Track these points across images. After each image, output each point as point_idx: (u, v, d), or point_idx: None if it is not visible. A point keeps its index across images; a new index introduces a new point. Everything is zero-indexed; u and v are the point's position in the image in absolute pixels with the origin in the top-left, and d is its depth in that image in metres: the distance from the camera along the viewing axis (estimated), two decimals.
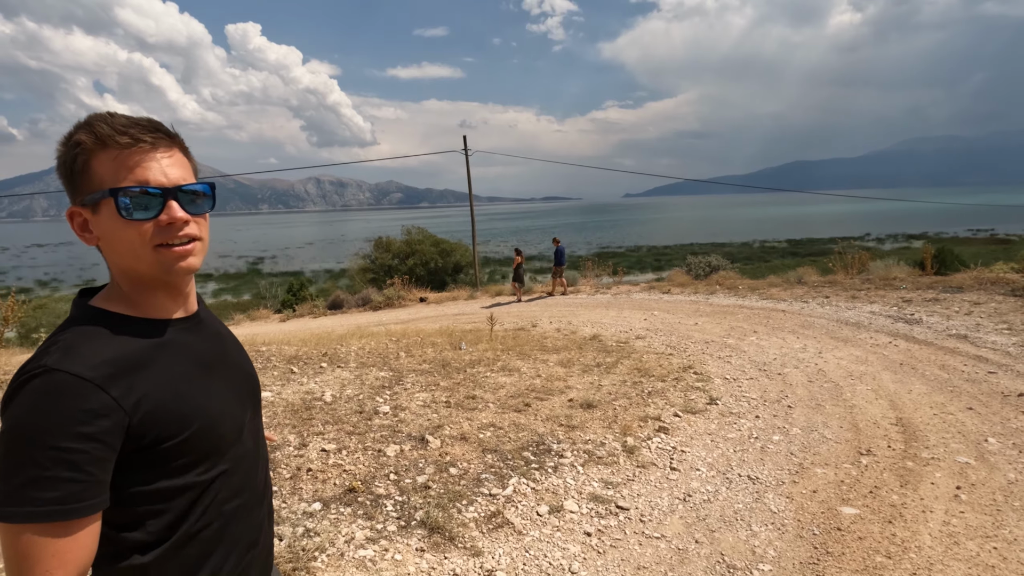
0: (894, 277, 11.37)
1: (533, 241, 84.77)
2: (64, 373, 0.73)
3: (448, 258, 26.62)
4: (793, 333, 8.32)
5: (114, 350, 0.79)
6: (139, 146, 0.79)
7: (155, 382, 0.81)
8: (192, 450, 0.83)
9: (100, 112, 0.81)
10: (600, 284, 16.60)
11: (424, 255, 25.83)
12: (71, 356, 0.75)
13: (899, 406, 4.92)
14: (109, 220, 0.80)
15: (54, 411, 0.71)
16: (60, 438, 0.70)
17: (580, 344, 8.40)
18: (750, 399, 5.33)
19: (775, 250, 54.31)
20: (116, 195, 0.78)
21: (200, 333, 0.93)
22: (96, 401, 0.73)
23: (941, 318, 8.23)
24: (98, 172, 0.79)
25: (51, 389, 0.72)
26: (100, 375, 0.75)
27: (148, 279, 0.84)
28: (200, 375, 0.89)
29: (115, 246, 0.82)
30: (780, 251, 52.81)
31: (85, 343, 0.78)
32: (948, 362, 6.22)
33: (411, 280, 22.58)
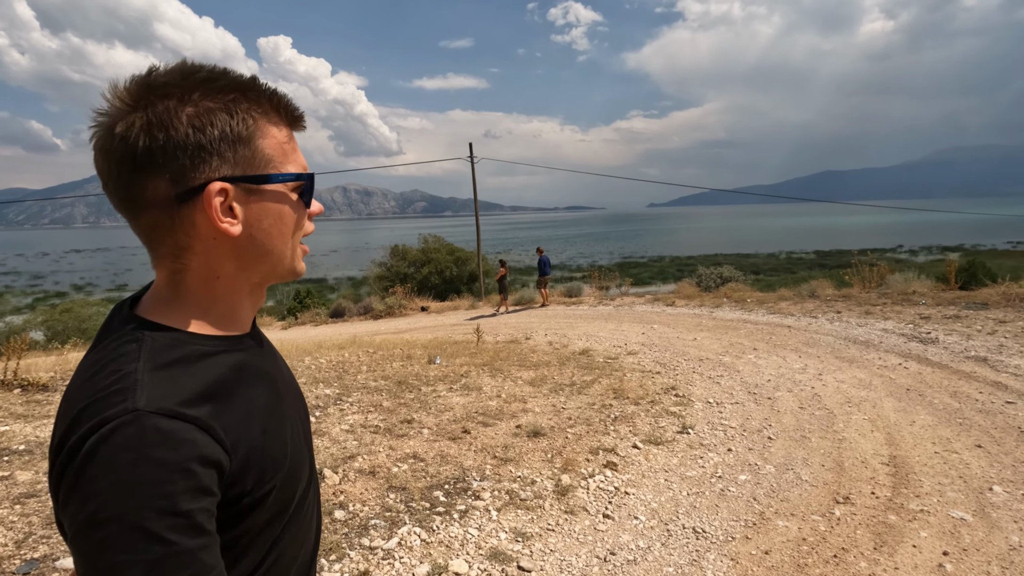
0: (912, 292, 10.55)
1: (555, 250, 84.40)
2: (161, 416, 0.55)
3: (463, 267, 26.38)
4: (795, 351, 7.67)
5: (200, 379, 0.62)
6: (303, 130, 0.71)
7: (243, 417, 0.65)
8: (276, 501, 0.67)
9: (255, 78, 0.66)
10: (605, 295, 16.01)
11: (439, 263, 25.66)
12: (162, 392, 0.57)
13: (896, 441, 4.30)
14: (278, 207, 0.66)
15: (165, 466, 0.53)
16: (181, 499, 0.53)
17: (564, 359, 7.91)
18: (728, 428, 4.76)
19: (802, 261, 52.84)
20: (311, 179, 0.69)
21: (263, 351, 0.76)
22: (206, 446, 0.57)
23: (960, 337, 7.49)
24: (264, 149, 0.65)
25: (155, 439, 0.54)
26: (200, 411, 0.59)
27: (270, 280, 0.71)
28: (277, 404, 0.72)
29: (272, 240, 0.67)
30: (808, 262, 51.36)
31: (169, 372, 0.60)
32: (962, 388, 5.53)
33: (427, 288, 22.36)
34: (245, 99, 0.64)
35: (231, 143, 0.62)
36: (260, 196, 0.65)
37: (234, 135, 0.62)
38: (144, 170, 0.59)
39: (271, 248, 0.67)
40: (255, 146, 0.64)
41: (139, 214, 0.62)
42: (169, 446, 0.54)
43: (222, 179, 0.62)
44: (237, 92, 0.63)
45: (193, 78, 0.61)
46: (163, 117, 0.59)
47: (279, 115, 0.67)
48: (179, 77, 0.61)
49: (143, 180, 0.60)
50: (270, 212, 0.66)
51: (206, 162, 0.61)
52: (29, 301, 41.58)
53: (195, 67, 0.63)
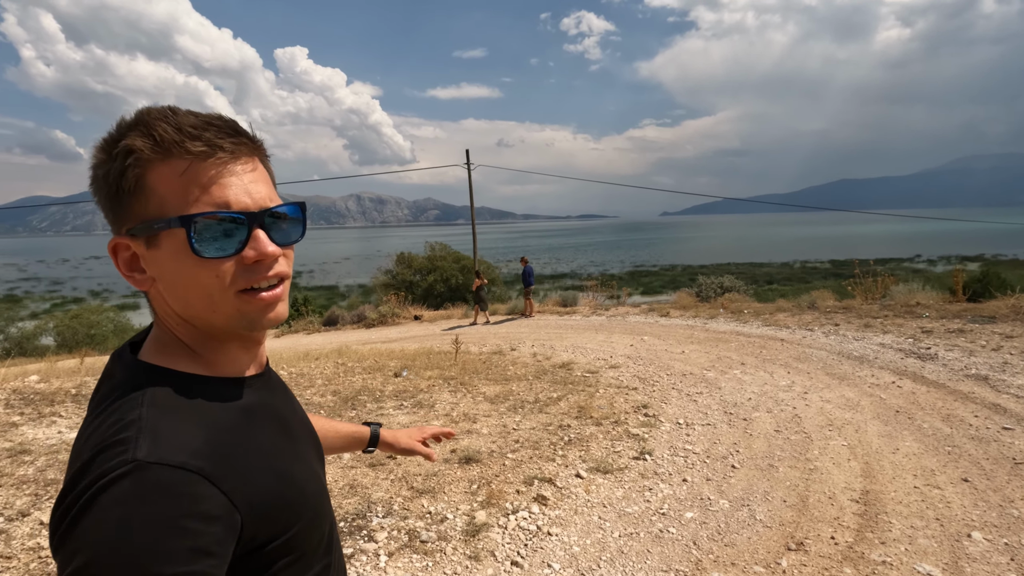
0: (916, 303, 10.00)
1: (565, 259, 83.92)
2: (163, 467, 0.51)
3: (469, 275, 26.15)
4: (784, 367, 7.21)
5: (206, 427, 0.57)
6: (216, 156, 0.59)
7: (256, 464, 0.60)
8: (298, 545, 0.63)
9: (157, 107, 0.60)
10: (601, 305, 15.58)
11: (445, 271, 25.42)
12: (162, 441, 0.53)
13: (873, 472, 3.85)
14: (174, 257, 0.59)
15: (162, 523, 0.49)
16: (170, 561, 0.48)
17: (541, 373, 7.54)
18: (690, 454, 4.34)
19: (817, 271, 51.79)
20: (189, 224, 0.57)
21: (273, 389, 0.72)
22: (208, 500, 0.52)
23: (962, 353, 6.98)
24: (158, 191, 0.58)
25: (150, 493, 0.50)
26: (208, 463, 0.54)
27: (220, 332, 0.64)
28: (289, 445, 0.68)
29: (181, 292, 0.61)
30: (822, 272, 50.29)
31: (169, 420, 0.56)
32: (956, 411, 5.05)
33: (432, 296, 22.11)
34: (129, 140, 0.58)
35: (118, 196, 0.59)
36: (156, 246, 0.60)
37: (120, 187, 0.58)
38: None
39: (189, 299, 0.61)
40: (147, 192, 0.58)
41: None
42: (167, 501, 0.50)
43: (120, 234, 0.60)
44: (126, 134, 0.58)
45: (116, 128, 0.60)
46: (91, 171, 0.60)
47: (164, 147, 0.58)
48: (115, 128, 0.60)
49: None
50: (167, 263, 0.60)
51: (114, 215, 0.60)
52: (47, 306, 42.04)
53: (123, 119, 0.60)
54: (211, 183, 0.58)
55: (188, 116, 0.59)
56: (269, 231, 0.62)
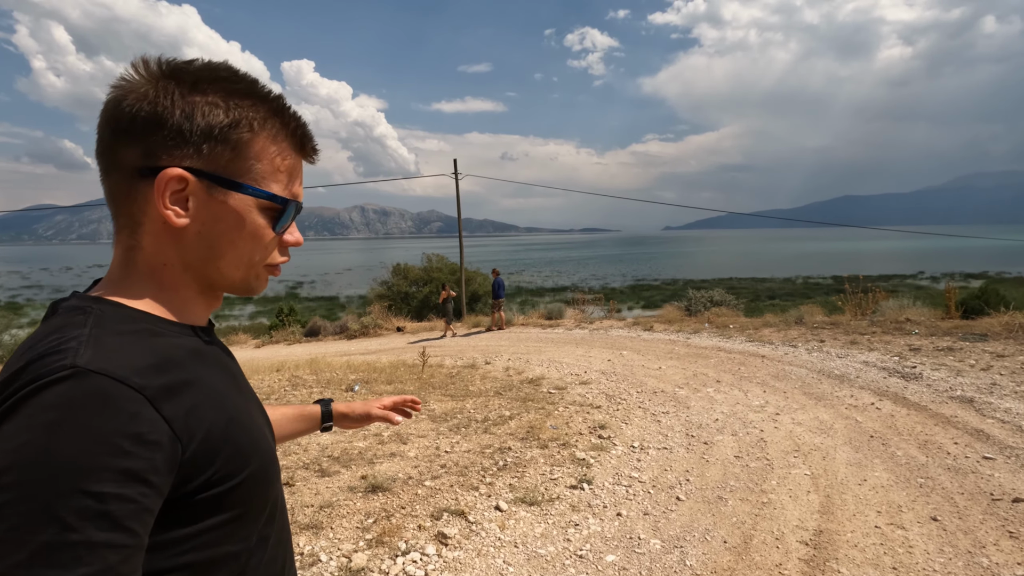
0: (906, 319, 9.55)
1: (567, 272, 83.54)
2: (106, 377, 0.48)
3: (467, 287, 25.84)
4: (761, 385, 6.78)
5: (154, 354, 0.55)
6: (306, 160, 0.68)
7: (205, 400, 0.57)
8: (242, 499, 0.58)
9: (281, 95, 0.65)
10: (584, 318, 15.16)
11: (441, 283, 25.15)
12: (109, 354, 0.50)
13: (833, 508, 3.43)
14: (238, 217, 0.61)
15: (89, 436, 0.45)
16: (97, 479, 0.44)
17: (506, 388, 7.15)
18: (636, 482, 3.92)
19: (819, 286, 51.15)
20: (288, 205, 0.64)
21: (222, 349, 0.71)
22: (149, 423, 0.49)
23: (948, 373, 6.54)
24: (251, 158, 0.61)
25: (86, 401, 0.46)
26: (151, 384, 0.51)
27: (221, 287, 0.66)
28: (240, 398, 0.66)
29: (223, 247, 0.62)
30: (825, 287, 49.58)
31: (119, 340, 0.53)
32: (935, 437, 4.62)
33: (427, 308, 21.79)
34: (254, 109, 0.62)
35: (213, 140, 0.59)
36: (223, 199, 0.61)
37: (220, 134, 0.60)
38: (124, 135, 0.58)
39: (219, 254, 0.63)
40: (242, 153, 0.61)
41: (108, 175, 0.61)
42: (104, 413, 0.47)
43: (186, 168, 0.58)
44: (251, 100, 0.62)
45: (215, 74, 0.61)
46: (161, 95, 0.58)
47: (287, 137, 0.64)
48: (204, 70, 0.61)
49: (121, 144, 0.59)
50: (227, 218, 0.61)
51: (179, 148, 0.59)
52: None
53: (225, 67, 0.62)
54: (294, 178, 0.65)
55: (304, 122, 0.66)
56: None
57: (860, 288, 10.69)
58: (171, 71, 0.59)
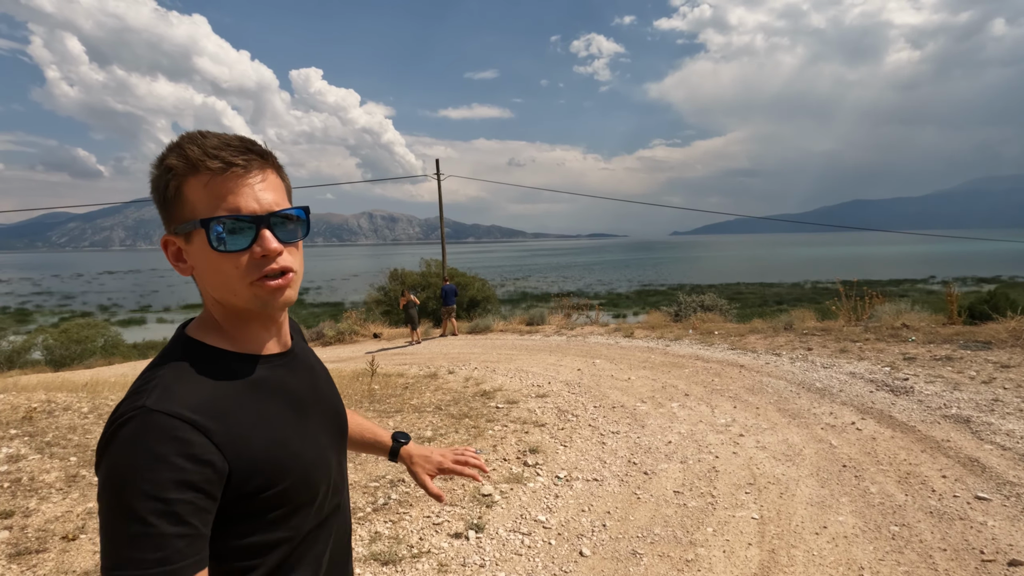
0: (902, 325, 8.70)
1: (573, 277, 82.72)
2: (163, 415, 0.67)
3: (462, 292, 25.18)
4: (732, 399, 6.01)
5: (212, 389, 0.73)
6: (232, 170, 0.73)
7: (253, 425, 0.74)
8: (288, 500, 0.76)
9: (191, 132, 0.77)
10: (567, 323, 14.39)
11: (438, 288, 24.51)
12: (170, 395, 0.69)
13: (776, 568, 2.66)
14: (202, 251, 0.74)
15: (155, 457, 0.64)
16: (163, 487, 0.63)
17: (452, 402, 6.47)
18: (539, 528, 3.17)
19: (828, 291, 49.89)
20: (208, 225, 0.72)
21: (295, 369, 0.85)
22: (199, 445, 0.67)
23: (944, 386, 5.73)
24: (190, 199, 0.73)
25: (151, 433, 0.65)
26: (202, 416, 0.69)
27: (243, 311, 0.78)
28: (295, 417, 0.81)
29: (209, 278, 0.76)
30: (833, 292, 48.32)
31: (182, 381, 0.72)
32: (920, 468, 3.83)
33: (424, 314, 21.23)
34: (174, 159, 0.72)
35: (165, 203, 0.74)
36: (191, 242, 0.74)
37: (165, 195, 0.74)
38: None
39: (215, 284, 0.75)
40: (183, 199, 0.73)
41: None
42: (165, 440, 0.65)
43: (168, 232, 0.76)
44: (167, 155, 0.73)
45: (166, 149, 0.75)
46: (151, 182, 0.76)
47: (195, 166, 0.72)
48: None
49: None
50: (199, 256, 0.74)
51: (165, 217, 0.76)
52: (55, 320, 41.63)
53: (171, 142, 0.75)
54: (227, 192, 0.73)
55: (212, 138, 0.74)
56: (275, 231, 0.75)
57: (855, 291, 9.84)
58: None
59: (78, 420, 5.22)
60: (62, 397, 5.91)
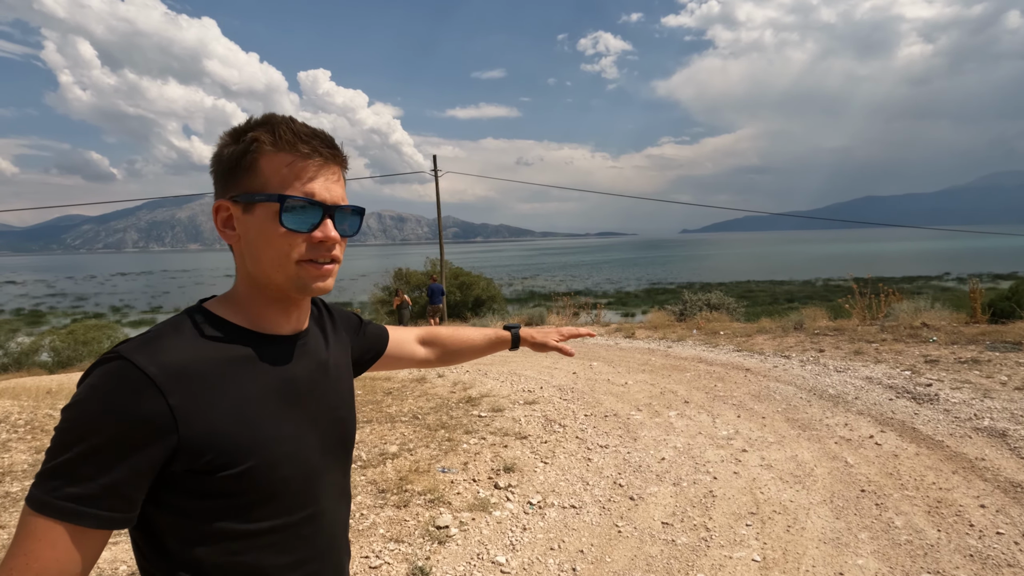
0: (922, 324, 8.08)
1: (581, 276, 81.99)
2: (130, 363, 0.67)
3: (468, 292, 24.73)
4: (736, 407, 5.46)
5: (196, 352, 0.72)
6: (315, 158, 0.77)
7: (224, 396, 0.72)
8: (249, 489, 0.73)
9: (282, 115, 0.79)
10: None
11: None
12: (147, 348, 0.69)
13: None
14: (262, 223, 0.76)
15: (106, 402, 0.66)
16: (101, 433, 0.65)
17: (432, 410, 5.98)
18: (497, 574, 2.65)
19: (840, 288, 48.87)
20: (284, 201, 0.75)
21: (301, 358, 0.83)
22: (149, 401, 0.66)
23: (973, 393, 5.14)
24: (265, 172, 0.75)
25: (112, 379, 0.67)
26: (166, 374, 0.68)
27: (275, 290, 0.79)
28: (277, 405, 0.78)
29: (259, 251, 0.77)
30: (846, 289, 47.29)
31: (168, 338, 0.72)
32: (952, 494, 3.27)
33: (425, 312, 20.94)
34: (258, 129, 0.76)
35: (234, 167, 0.76)
36: (251, 212, 0.76)
37: (236, 160, 0.76)
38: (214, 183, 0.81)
39: (256, 260, 0.77)
40: (255, 170, 0.75)
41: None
42: (121, 390, 0.66)
43: (225, 198, 0.77)
44: (252, 127, 0.77)
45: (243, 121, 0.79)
46: (217, 147, 0.79)
47: (284, 146, 0.75)
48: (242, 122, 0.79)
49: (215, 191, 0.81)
50: (255, 226, 0.76)
51: (224, 184, 0.78)
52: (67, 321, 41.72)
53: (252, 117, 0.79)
54: (306, 177, 0.76)
55: (303, 126, 0.78)
56: (336, 222, 0.79)
57: (870, 289, 9.22)
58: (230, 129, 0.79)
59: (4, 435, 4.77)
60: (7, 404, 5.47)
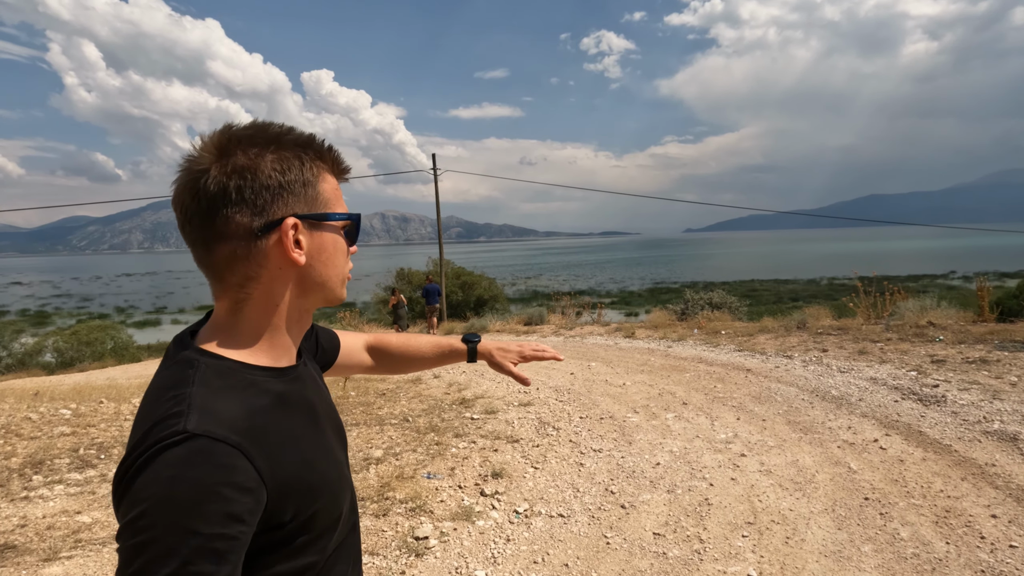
0: (928, 323, 7.88)
1: (585, 275, 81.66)
2: (208, 439, 0.57)
3: (470, 291, 24.57)
4: (735, 409, 5.29)
5: (246, 409, 0.64)
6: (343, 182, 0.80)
7: (283, 446, 0.66)
8: (316, 525, 0.69)
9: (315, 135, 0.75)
10: (567, 323, 13.67)
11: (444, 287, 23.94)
12: (210, 416, 0.59)
13: None
14: (335, 241, 0.75)
15: (203, 488, 0.55)
16: (208, 522, 0.54)
17: (422, 412, 5.87)
18: None
19: (845, 287, 48.44)
20: (357, 219, 0.77)
21: (305, 381, 0.78)
22: (243, 473, 0.58)
23: (982, 395, 4.95)
24: (322, 192, 0.73)
25: (196, 459, 0.56)
26: (244, 439, 0.60)
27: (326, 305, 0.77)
28: (315, 434, 0.74)
29: (330, 269, 0.74)
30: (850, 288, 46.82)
31: (218, 399, 0.62)
32: (962, 503, 3.09)
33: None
34: (312, 150, 0.72)
35: (302, 185, 0.70)
36: (320, 231, 0.72)
37: (304, 179, 0.70)
38: (232, 206, 0.66)
39: (326, 277, 0.74)
40: (318, 189, 0.72)
41: (217, 246, 0.67)
42: (211, 468, 0.56)
43: (295, 215, 0.69)
44: (304, 146, 0.72)
45: (269, 131, 0.70)
46: (251, 162, 0.67)
47: (332, 167, 0.75)
48: (258, 131, 0.69)
49: (229, 215, 0.66)
50: (327, 245, 0.73)
51: (284, 200, 0.69)
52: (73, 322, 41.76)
53: (267, 124, 0.72)
54: (341, 197, 0.77)
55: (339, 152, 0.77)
56: None
57: (875, 287, 9.01)
58: (236, 140, 0.67)
59: None
60: None
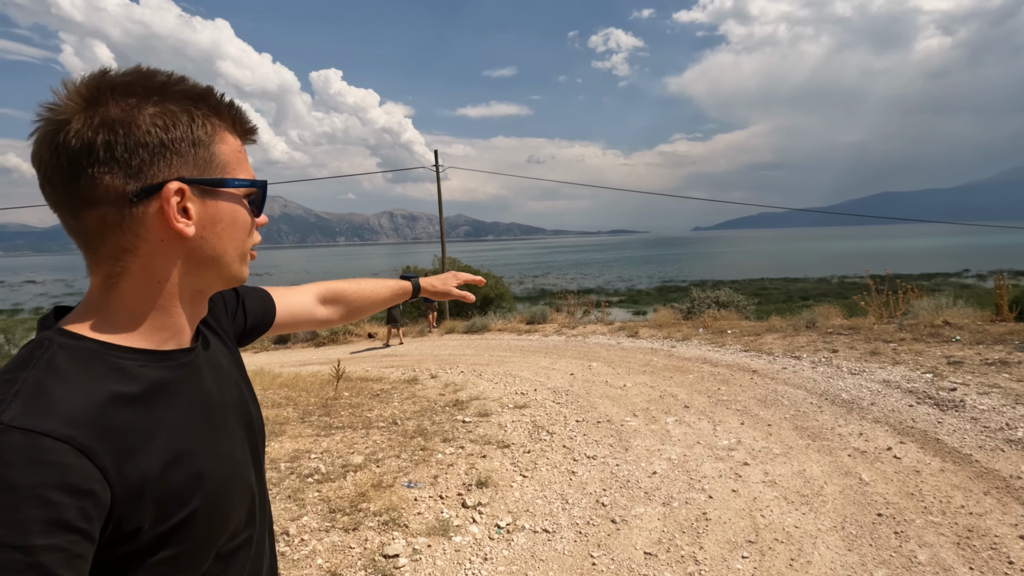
0: (943, 323, 7.55)
1: (593, 274, 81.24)
2: (31, 433, 0.48)
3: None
4: (739, 414, 5.02)
5: (100, 396, 0.53)
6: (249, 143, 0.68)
7: (149, 441, 0.55)
8: (188, 536, 0.57)
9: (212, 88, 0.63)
10: (569, 322, 13.42)
11: None
12: (40, 405, 0.50)
13: None
14: (234, 211, 0.64)
15: (16, 492, 0.46)
16: (27, 532, 0.45)
17: (414, 414, 5.69)
18: None
19: (856, 286, 47.66)
20: (262, 187, 0.67)
21: (202, 368, 0.67)
22: (77, 472, 0.49)
23: (1003, 399, 4.65)
24: (218, 154, 0.62)
25: (12, 458, 0.47)
26: (83, 433, 0.50)
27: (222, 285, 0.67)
28: (209, 428, 0.63)
29: (226, 243, 0.64)
30: (861, 286, 46.04)
31: (61, 384, 0.52)
32: (985, 522, 2.82)
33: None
34: (205, 105, 0.62)
35: (191, 145, 0.60)
36: (215, 199, 0.62)
37: (194, 138, 0.60)
38: (99, 165, 0.55)
39: (221, 252, 0.64)
40: (213, 151, 0.62)
41: (84, 212, 0.57)
42: (25, 468, 0.47)
43: (180, 179, 0.59)
44: (196, 99, 0.61)
45: (153, 80, 0.59)
46: (125, 114, 0.56)
47: (233, 125, 0.65)
48: (139, 78, 0.58)
49: (96, 176, 0.55)
50: (224, 216, 0.63)
51: (166, 161, 0.58)
52: None
53: (153, 71, 0.60)
54: (246, 161, 0.66)
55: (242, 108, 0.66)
56: None
57: (887, 286, 8.69)
58: (111, 87, 0.56)
59: None
60: None
